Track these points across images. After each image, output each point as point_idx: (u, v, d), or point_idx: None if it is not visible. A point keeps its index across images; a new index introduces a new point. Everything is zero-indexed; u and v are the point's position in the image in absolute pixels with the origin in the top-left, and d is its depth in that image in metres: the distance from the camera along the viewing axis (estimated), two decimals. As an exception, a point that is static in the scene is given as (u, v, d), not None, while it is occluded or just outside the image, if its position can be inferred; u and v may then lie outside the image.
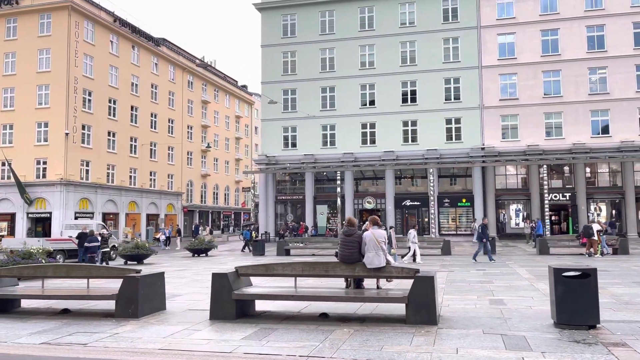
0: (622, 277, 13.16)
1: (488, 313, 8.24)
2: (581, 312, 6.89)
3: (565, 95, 34.12)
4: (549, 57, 34.63)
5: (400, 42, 37.08)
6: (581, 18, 34.33)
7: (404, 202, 36.40)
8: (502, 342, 6.32)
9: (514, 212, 35.87)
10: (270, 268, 8.32)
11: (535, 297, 9.91)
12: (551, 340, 6.34)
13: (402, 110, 36.53)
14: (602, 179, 34.60)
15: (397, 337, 6.64)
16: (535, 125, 34.34)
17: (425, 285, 7.41)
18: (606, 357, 5.57)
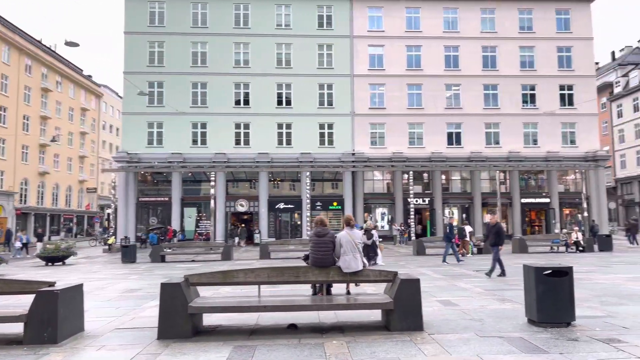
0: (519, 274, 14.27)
1: (457, 315, 8.08)
2: (560, 309, 7.05)
3: (426, 108, 36.94)
4: (412, 72, 37.19)
5: (276, 44, 36.70)
6: (440, 38, 37.51)
7: (278, 205, 35.96)
8: (509, 345, 6.12)
9: (380, 216, 37.72)
10: (230, 275, 7.13)
11: (475, 296, 10.12)
12: (550, 340, 6.32)
13: (277, 112, 36.11)
14: (455, 185, 38.18)
15: (400, 347, 6.06)
16: (400, 134, 36.54)
17: (411, 288, 6.96)
18: (618, 353, 5.66)
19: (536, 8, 37.96)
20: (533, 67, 37.56)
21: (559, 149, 36.68)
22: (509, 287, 11.39)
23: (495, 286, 11.68)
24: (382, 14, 37.59)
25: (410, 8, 37.71)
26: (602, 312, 8.17)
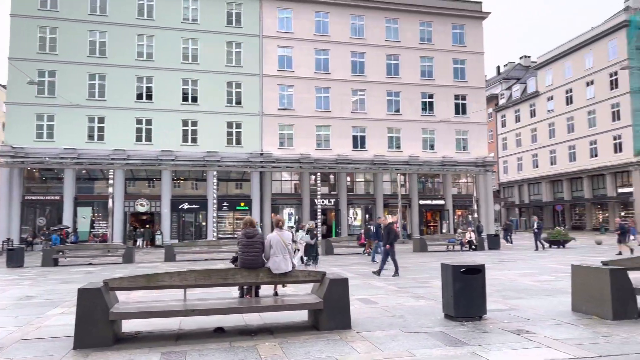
0: (426, 272, 15.10)
1: (378, 313, 8.37)
2: (474, 304, 7.59)
3: (333, 111, 37.78)
4: (321, 75, 37.85)
5: (182, 38, 35.46)
6: (347, 44, 38.58)
7: (182, 205, 34.74)
8: (434, 339, 6.47)
9: (287, 216, 37.89)
10: (154, 279, 6.79)
11: (391, 294, 10.54)
12: (468, 333, 6.78)
13: (182, 109, 34.90)
14: (359, 187, 39.44)
15: (333, 346, 6.16)
16: (308, 135, 37.01)
17: (340, 288, 7.10)
18: (529, 343, 6.23)
19: (435, 21, 40.40)
20: (432, 77, 39.93)
21: (453, 155, 39.33)
22: (420, 285, 12.02)
23: (407, 284, 12.26)
24: (292, 16, 37.84)
25: (319, 12, 38.35)
26: (506, 305, 8.92)
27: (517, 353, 5.78)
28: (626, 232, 22.18)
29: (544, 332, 6.81)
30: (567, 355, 5.67)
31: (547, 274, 13.88)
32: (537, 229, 25.88)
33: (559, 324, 7.29)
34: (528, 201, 58.86)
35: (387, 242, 14.09)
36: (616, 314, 7.48)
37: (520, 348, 6.00)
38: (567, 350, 5.86)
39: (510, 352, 5.84)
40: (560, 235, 27.63)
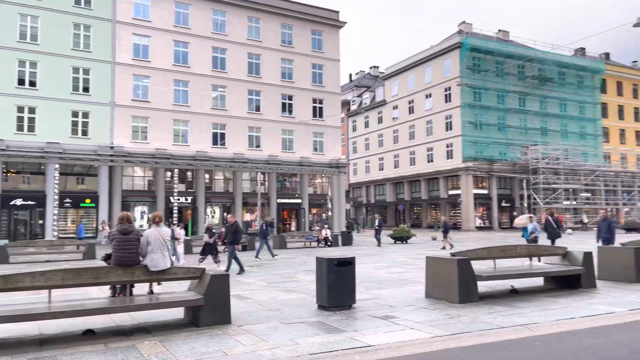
0: (291, 267, 15.56)
1: (254, 307, 8.50)
2: (345, 294, 8.14)
3: (192, 106, 36.74)
4: (180, 68, 36.54)
5: (20, 14, 31.53)
6: (208, 38, 37.82)
7: (14, 201, 30.83)
8: (313, 328, 6.82)
9: (140, 214, 35.82)
10: (13, 280, 6.09)
11: (262, 289, 10.73)
12: (343, 321, 7.28)
13: (16, 93, 31.00)
14: (218, 185, 38.89)
15: (217, 340, 6.16)
16: (164, 129, 35.47)
17: (221, 284, 7.10)
18: (396, 326, 6.91)
19: (296, 25, 41.57)
20: (292, 79, 41.00)
21: (310, 156, 40.85)
22: (288, 280, 12.41)
23: (275, 279, 12.57)
24: (150, 4, 35.92)
25: (179, 3, 36.99)
26: (370, 295, 9.69)
27: (388, 335, 6.39)
28: (448, 229, 24.77)
29: (406, 316, 7.59)
30: (429, 334, 6.42)
31: (399, 267, 15.29)
32: (378, 226, 27.65)
33: (417, 309, 8.18)
34: (374, 201, 63.50)
35: (232, 241, 14.05)
36: (462, 298, 8.62)
37: (390, 331, 6.63)
38: (428, 330, 6.64)
39: (382, 335, 6.43)
40: (404, 232, 30.38)
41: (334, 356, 5.53)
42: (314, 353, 5.61)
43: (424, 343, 6.07)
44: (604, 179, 51.92)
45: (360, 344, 5.95)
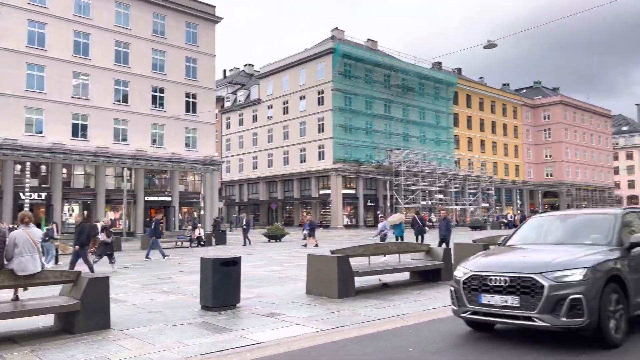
0: (166, 268, 14.98)
1: (133, 311, 8.12)
2: (230, 294, 8.16)
3: (49, 93, 33.41)
4: (34, 50, 32.98)
5: None
6: (69, 20, 34.68)
7: None
8: (200, 328, 6.75)
9: (-18, 212, 31.52)
10: None
11: (138, 291, 10.24)
12: (229, 320, 7.30)
13: None
14: (78, 180, 35.82)
15: (98, 347, 5.82)
16: (15, 118, 31.76)
17: (100, 287, 6.70)
18: (282, 323, 7.13)
19: (169, 15, 39.90)
20: (163, 71, 39.29)
21: (182, 152, 39.51)
22: (164, 281, 12.00)
23: (150, 281, 12.07)
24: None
25: (35, -22, 33.43)
26: (252, 294, 9.79)
27: (276, 332, 6.57)
28: (314, 228, 25.49)
29: (290, 312, 7.85)
30: (314, 329, 6.74)
31: (277, 265, 15.57)
32: (246, 225, 26.91)
33: (300, 305, 8.48)
34: (247, 199, 63.37)
35: (77, 243, 12.75)
36: (341, 293, 9.12)
37: (277, 328, 6.82)
38: (312, 325, 6.95)
39: (270, 332, 6.59)
40: (278, 230, 30.86)
41: (225, 355, 5.56)
42: (204, 353, 5.58)
43: (310, 337, 6.35)
44: (455, 181, 57.68)
45: (250, 342, 6.05)
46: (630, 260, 5.90)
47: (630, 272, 5.77)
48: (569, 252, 5.73)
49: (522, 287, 5.29)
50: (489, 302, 5.51)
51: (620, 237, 6.09)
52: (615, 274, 5.52)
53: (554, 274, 5.22)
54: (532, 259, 5.81)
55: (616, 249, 5.88)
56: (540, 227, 7.17)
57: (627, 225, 6.52)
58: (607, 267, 5.45)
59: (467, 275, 5.81)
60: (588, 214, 7.49)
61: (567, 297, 5.08)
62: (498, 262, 5.90)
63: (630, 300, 5.69)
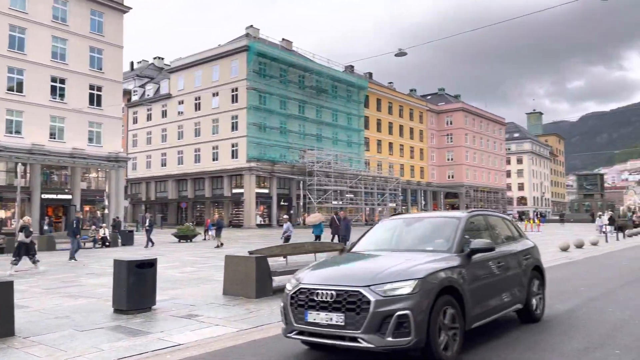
0: (70, 271, 14.11)
1: (36, 316, 7.64)
2: (145, 297, 7.94)
3: None
4: None
5: None
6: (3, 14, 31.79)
7: None
8: (114, 332, 6.53)
9: None
10: None
11: (41, 296, 9.61)
12: (146, 323, 7.12)
13: None
14: None
15: (1, 356, 5.45)
16: None
17: (4, 292, 6.25)
18: (201, 324, 7.09)
19: (72, 1, 37.43)
20: (65, 61, 36.80)
21: (85, 147, 37.21)
22: (69, 285, 11.34)
23: (53, 285, 11.35)
24: None
25: None
26: (167, 295, 9.56)
27: (195, 333, 6.53)
28: (221, 227, 24.78)
29: (208, 313, 7.80)
30: (234, 329, 6.78)
31: (190, 266, 15.27)
32: (149, 226, 25.53)
33: (218, 306, 8.45)
34: (155, 198, 61.02)
35: None
36: (258, 292, 9.19)
37: (196, 329, 6.77)
38: (232, 325, 6.99)
39: (189, 333, 6.53)
40: (189, 230, 30.11)
41: (146, 358, 5.46)
42: (123, 357, 5.43)
43: (231, 337, 6.39)
44: (364, 182, 59.64)
45: (170, 344, 5.97)
46: (471, 268, 5.44)
47: (468, 281, 5.29)
48: (406, 260, 5.15)
49: (348, 303, 4.64)
50: (314, 320, 4.80)
51: (461, 243, 5.61)
52: (450, 285, 4.99)
53: (383, 286, 4.63)
54: (364, 269, 5.22)
55: (456, 256, 5.41)
56: (387, 232, 6.59)
57: (473, 229, 6.14)
58: (440, 277, 4.91)
59: (295, 289, 5.07)
60: (434, 217, 6.93)
61: (394, 314, 4.50)
62: (328, 273, 5.23)
63: (467, 312, 5.18)
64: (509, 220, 7.54)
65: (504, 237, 6.83)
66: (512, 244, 6.76)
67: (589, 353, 5.33)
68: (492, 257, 5.90)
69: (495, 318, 5.95)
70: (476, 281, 5.46)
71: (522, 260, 6.67)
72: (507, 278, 6.18)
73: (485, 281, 5.69)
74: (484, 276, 5.68)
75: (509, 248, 6.58)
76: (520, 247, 6.86)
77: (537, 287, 6.97)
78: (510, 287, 6.24)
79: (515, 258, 6.52)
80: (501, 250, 6.27)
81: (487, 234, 6.33)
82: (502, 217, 7.43)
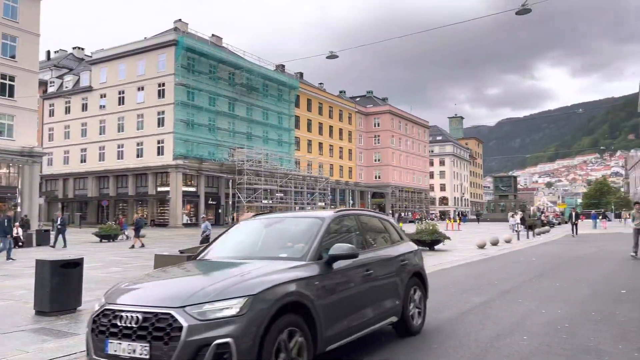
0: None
1: (-50, 320, 7.14)
2: (70, 297, 7.68)
3: None
4: None
5: None
6: None
7: None
8: (39, 335, 6.29)
9: None
10: None
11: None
12: (72, 324, 6.90)
13: None
14: None
15: None
16: None
17: None
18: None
19: (-17, -17, 34.72)
20: (-27, 47, 34.08)
21: (-5, 140, 34.68)
22: (-19, 287, 10.64)
23: (-37, 287, 10.59)
24: None
25: None
26: (93, 296, 9.16)
27: (126, 333, 6.43)
28: (140, 227, 23.83)
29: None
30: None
31: (114, 266, 14.77)
32: (61, 225, 24.11)
33: (147, 306, 8.30)
34: (73, 195, 57.88)
35: None
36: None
37: (126, 329, 6.66)
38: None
39: (119, 333, 6.42)
40: (112, 230, 28.95)
41: (75, 359, 5.33)
42: (52, 359, 5.28)
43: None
44: (295, 181, 59.99)
45: (99, 345, 5.86)
46: (330, 278, 4.59)
47: (324, 295, 4.41)
48: (241, 272, 4.16)
49: (155, 329, 3.58)
50: (115, 351, 3.69)
51: (319, 249, 4.71)
52: (296, 301, 4.06)
53: (201, 307, 3.63)
54: (184, 284, 4.22)
55: (311, 265, 4.51)
56: (241, 236, 5.63)
57: (340, 231, 5.37)
58: (280, 292, 3.94)
59: (99, 311, 4.01)
60: (297, 217, 5.97)
61: (212, 343, 3.50)
62: (144, 290, 4.14)
63: (320, 333, 4.28)
64: (388, 220, 6.73)
65: (380, 240, 6.06)
66: (387, 249, 5.96)
67: (500, 339, 5.86)
68: (360, 264, 5.09)
69: (362, 335, 5.12)
70: (336, 294, 4.61)
71: (399, 267, 5.87)
72: (377, 288, 5.36)
73: (348, 293, 4.85)
74: (347, 287, 4.84)
75: (383, 253, 5.78)
76: (397, 251, 6.07)
77: (417, 296, 6.22)
78: (381, 298, 5.43)
79: (390, 264, 5.75)
80: (372, 255, 5.48)
81: (358, 237, 5.53)
82: (380, 217, 6.55)
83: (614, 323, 6.67)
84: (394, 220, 6.67)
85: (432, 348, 5.52)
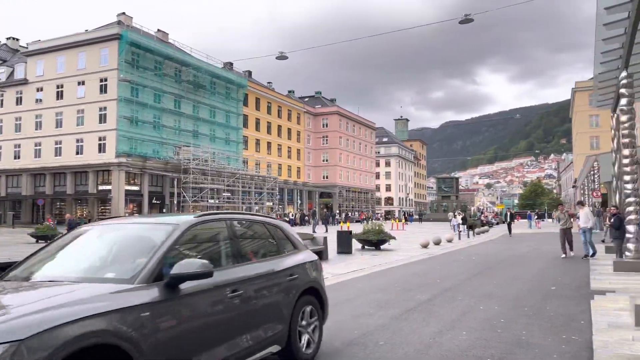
0: None
1: None
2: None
3: None
4: None
5: None
6: None
7: None
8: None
9: None
10: None
11: None
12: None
13: None
14: None
15: None
16: None
17: None
18: None
19: None
20: None
21: None
22: None
23: None
24: None
25: None
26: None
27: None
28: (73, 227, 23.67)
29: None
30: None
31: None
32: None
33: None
34: (5, 194, 54.79)
35: None
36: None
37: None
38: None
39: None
40: (49, 230, 27.71)
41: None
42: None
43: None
44: (242, 181, 59.48)
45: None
46: (173, 306, 3.44)
47: (157, 331, 3.24)
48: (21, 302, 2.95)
49: None
50: None
51: (156, 267, 3.49)
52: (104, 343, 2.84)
53: None
54: None
55: (142, 289, 3.28)
56: (67, 246, 4.20)
57: (202, 241, 4.35)
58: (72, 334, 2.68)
59: None
60: (144, 223, 4.51)
61: None
62: None
63: None
64: (279, 226, 5.43)
65: (261, 251, 4.93)
66: (269, 262, 4.80)
67: (442, 335, 6.18)
68: (224, 283, 3.98)
69: None
70: (182, 326, 3.49)
71: (285, 283, 4.76)
72: (249, 312, 4.23)
73: (203, 323, 3.70)
74: (201, 316, 3.70)
75: (261, 268, 4.60)
76: (284, 264, 4.91)
77: (309, 318, 5.11)
78: (255, 324, 4.29)
79: (270, 281, 4.61)
80: (243, 272, 4.30)
81: (227, 249, 4.39)
82: (265, 222, 5.25)
83: (544, 318, 7.17)
84: (287, 225, 5.61)
85: (378, 344, 5.75)
